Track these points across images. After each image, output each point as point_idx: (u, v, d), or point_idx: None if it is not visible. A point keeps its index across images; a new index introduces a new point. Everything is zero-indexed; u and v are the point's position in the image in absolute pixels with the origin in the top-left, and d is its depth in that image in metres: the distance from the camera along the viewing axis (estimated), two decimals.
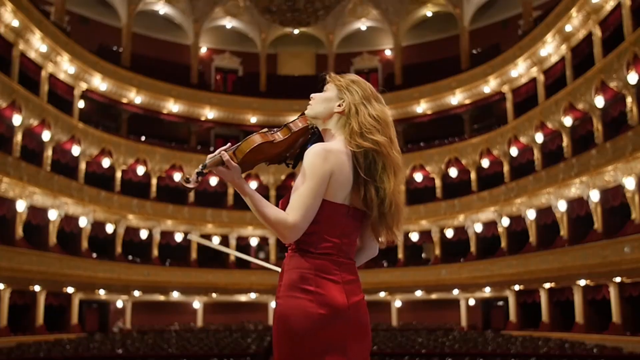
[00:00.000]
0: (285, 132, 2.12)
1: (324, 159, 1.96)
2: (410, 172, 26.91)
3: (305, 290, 1.96)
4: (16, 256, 19.00)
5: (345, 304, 1.96)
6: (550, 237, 21.60)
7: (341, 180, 1.99)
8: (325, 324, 1.93)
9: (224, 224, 26.66)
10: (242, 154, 2.03)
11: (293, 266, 2.03)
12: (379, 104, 2.12)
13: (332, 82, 2.16)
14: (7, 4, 19.43)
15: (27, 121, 20.59)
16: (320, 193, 1.97)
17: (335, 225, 2.02)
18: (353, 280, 2.04)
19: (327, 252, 2.01)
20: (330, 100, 2.12)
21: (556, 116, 21.37)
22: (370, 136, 2.03)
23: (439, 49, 30.58)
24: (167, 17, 30.32)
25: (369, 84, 2.16)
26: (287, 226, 1.94)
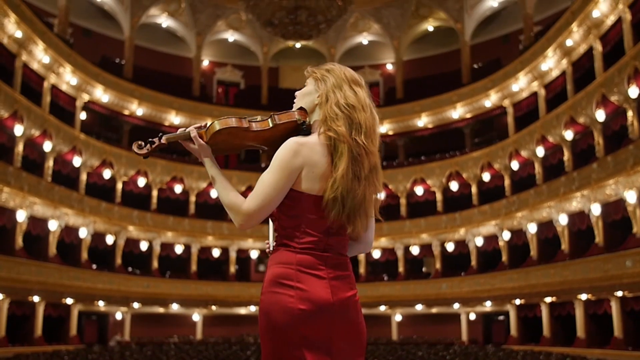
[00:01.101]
0: (265, 124, 2.07)
1: (294, 152, 1.93)
2: (411, 186, 26.91)
3: (286, 285, 1.93)
4: (15, 266, 18.95)
5: (330, 300, 1.92)
6: (552, 251, 21.55)
7: (317, 172, 1.95)
8: (306, 319, 1.89)
9: (225, 236, 26.61)
10: (211, 132, 2.03)
11: (275, 261, 2.00)
12: (352, 88, 2.06)
13: (310, 76, 2.15)
14: (11, 15, 19.55)
15: (29, 131, 20.63)
16: (283, 187, 1.94)
17: (319, 219, 1.97)
18: (342, 276, 1.99)
19: (310, 247, 1.97)
20: (310, 94, 2.10)
21: (557, 130, 21.39)
22: (332, 125, 1.98)
23: (440, 64, 30.71)
24: (170, 30, 30.49)
25: (345, 69, 2.11)
26: (239, 212, 1.93)
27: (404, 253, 26.50)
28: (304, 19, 24.09)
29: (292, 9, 23.80)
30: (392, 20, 30.39)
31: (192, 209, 26.66)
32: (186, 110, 27.48)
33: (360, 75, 2.13)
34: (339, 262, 2.01)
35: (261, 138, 2.08)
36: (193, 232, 26.15)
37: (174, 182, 26.51)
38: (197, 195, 26.91)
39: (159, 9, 29.14)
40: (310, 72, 2.15)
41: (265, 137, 2.09)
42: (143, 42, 29.55)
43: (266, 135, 2.08)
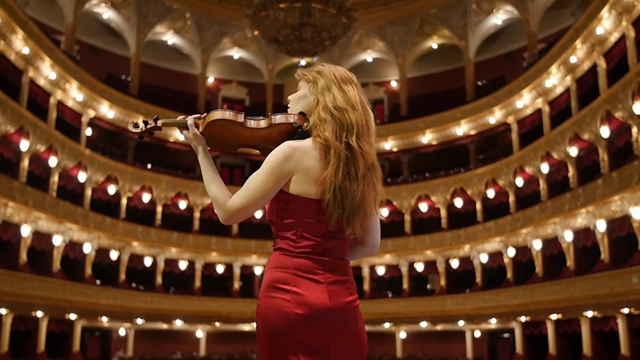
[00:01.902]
0: (261, 122, 2.05)
1: (286, 157, 1.91)
2: (415, 202, 26.87)
3: (283, 290, 1.90)
4: (19, 281, 18.95)
5: (327, 305, 1.88)
6: (557, 267, 21.44)
7: (310, 176, 1.92)
8: (302, 324, 1.86)
9: (229, 252, 26.57)
10: (206, 122, 2.04)
11: (272, 266, 1.98)
12: (341, 89, 2.02)
13: (302, 79, 2.12)
14: (19, 32, 19.75)
15: (35, 147, 20.74)
16: (270, 190, 1.92)
17: (316, 222, 1.95)
18: (341, 281, 1.96)
19: (307, 251, 1.94)
20: (305, 97, 2.07)
21: (562, 146, 21.38)
22: (320, 130, 1.96)
23: (444, 81, 30.81)
24: (176, 47, 30.71)
25: (334, 69, 2.07)
26: (222, 208, 1.94)
27: (409, 270, 26.40)
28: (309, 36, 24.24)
29: (297, 26, 23.96)
30: (396, 37, 30.54)
31: (196, 225, 26.65)
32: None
33: (351, 73, 2.09)
34: (338, 267, 1.98)
35: (257, 137, 2.07)
36: (197, 248, 26.12)
37: (179, 198, 26.54)
38: (202, 211, 26.91)
39: (165, 26, 29.38)
40: (302, 75, 2.12)
41: (261, 137, 2.07)
42: (149, 59, 29.75)
43: (262, 135, 2.06)
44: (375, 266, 26.64)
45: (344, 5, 24.17)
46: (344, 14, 24.20)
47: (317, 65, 2.12)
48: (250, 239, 26.58)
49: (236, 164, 29.96)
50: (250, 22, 24.82)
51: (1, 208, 18.72)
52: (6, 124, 19.21)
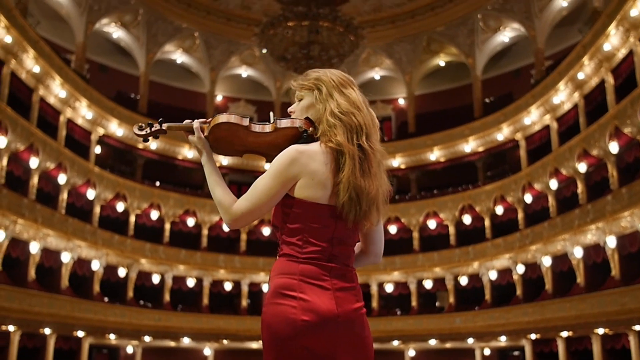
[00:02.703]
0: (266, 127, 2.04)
1: (291, 160, 1.91)
2: (423, 219, 26.78)
3: (288, 296, 1.88)
4: (28, 298, 18.97)
5: (334, 312, 1.87)
6: (567, 284, 21.26)
7: (317, 179, 1.92)
8: (309, 331, 1.84)
9: (237, 270, 26.52)
10: (211, 126, 2.04)
11: (278, 272, 1.95)
12: (342, 93, 2.04)
13: (302, 89, 2.10)
14: (30, 51, 20.00)
15: (44, 164, 20.87)
16: (275, 194, 1.92)
17: (322, 228, 1.94)
18: (347, 288, 1.94)
19: (314, 257, 1.93)
20: (312, 106, 2.06)
21: (570, 163, 21.32)
22: (331, 135, 1.97)
23: (451, 98, 30.86)
24: (184, 65, 30.95)
25: (331, 75, 2.08)
26: (227, 212, 1.94)
27: (417, 287, 26.25)
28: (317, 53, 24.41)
29: (304, 44, 24.15)
30: (403, 55, 30.68)
31: (204, 242, 26.65)
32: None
33: (347, 75, 2.11)
34: (344, 273, 1.97)
35: (262, 142, 2.07)
36: (205, 265, 26.09)
37: (187, 216, 26.58)
38: (210, 228, 26.93)
39: (174, 45, 29.66)
40: (301, 85, 2.11)
41: (266, 143, 2.07)
42: (158, 77, 29.98)
43: (267, 140, 2.06)
44: (384, 283, 26.50)
45: (351, 24, 24.36)
46: (351, 32, 24.38)
47: (310, 72, 2.13)
48: (258, 256, 26.55)
49: (244, 182, 29.99)
50: (258, 41, 25.06)
51: (10, 225, 18.80)
52: (16, 141, 19.36)
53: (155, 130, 2.15)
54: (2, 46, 19.13)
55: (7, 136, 18.78)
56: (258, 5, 29.19)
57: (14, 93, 19.95)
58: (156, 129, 2.15)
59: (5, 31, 18.84)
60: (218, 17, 29.40)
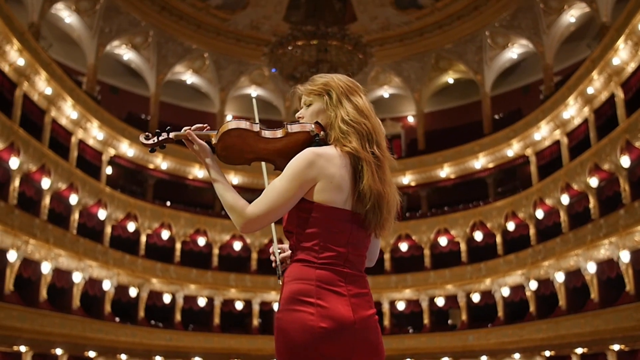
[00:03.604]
0: (277, 133, 2.04)
1: (309, 163, 1.89)
2: (434, 236, 26.66)
3: (306, 302, 1.85)
4: (39, 318, 18.99)
5: (351, 319, 1.84)
6: (581, 300, 21.02)
7: (335, 183, 1.90)
8: (327, 338, 1.81)
9: (247, 289, 26.44)
10: (221, 133, 2.01)
11: (293, 277, 1.92)
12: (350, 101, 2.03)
13: (310, 94, 2.10)
14: (42, 73, 20.26)
15: (56, 185, 21.01)
16: (292, 197, 1.89)
17: (339, 232, 1.92)
18: (362, 294, 1.92)
19: (330, 262, 1.90)
20: (323, 111, 2.06)
21: (581, 177, 21.21)
22: (345, 142, 1.96)
23: (461, 115, 30.88)
24: (194, 86, 31.20)
25: (339, 81, 2.08)
26: (242, 215, 1.91)
27: (429, 304, 26.04)
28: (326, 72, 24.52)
29: (313, 62, 24.29)
30: (412, 73, 30.79)
31: (215, 262, 26.63)
32: None
33: (353, 80, 2.10)
34: (358, 279, 1.95)
35: (272, 149, 2.04)
36: (216, 284, 26.04)
37: (197, 235, 26.60)
38: (220, 247, 26.92)
39: (184, 66, 29.93)
40: (309, 90, 2.10)
41: (277, 148, 2.05)
42: (168, 98, 30.21)
43: (278, 146, 2.04)
44: (395, 301, 26.31)
45: (359, 42, 24.50)
46: (360, 50, 24.52)
47: (317, 77, 2.12)
48: (269, 275, 26.48)
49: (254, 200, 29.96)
50: (267, 60, 25.22)
51: (22, 245, 18.90)
52: (29, 162, 19.54)
53: (162, 139, 2.12)
54: (15, 69, 19.38)
55: (20, 157, 18.96)
56: (267, 25, 29.47)
57: (26, 115, 20.17)
58: (163, 137, 2.12)
59: (18, 54, 19.11)
60: (227, 38, 29.68)
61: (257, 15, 29.32)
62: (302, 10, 27.98)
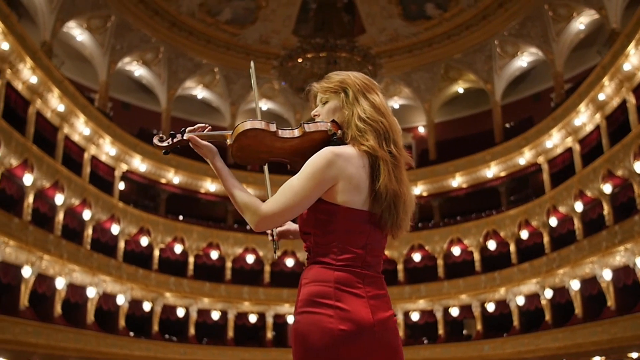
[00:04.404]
0: (293, 132, 2.01)
1: (328, 163, 1.86)
2: (447, 246, 26.53)
3: (325, 304, 1.82)
4: (54, 333, 19.06)
5: (371, 320, 1.82)
6: (597, 308, 20.79)
7: (354, 184, 1.88)
8: (347, 340, 1.78)
9: (261, 302, 26.40)
10: (237, 133, 1.99)
11: (311, 279, 1.90)
12: (367, 99, 2.01)
13: (326, 91, 2.07)
14: (55, 91, 20.48)
15: (69, 201, 21.15)
16: (309, 196, 1.86)
17: (357, 234, 1.90)
18: (380, 295, 1.91)
19: (348, 264, 1.88)
20: (339, 109, 2.03)
21: (595, 184, 21.06)
22: (362, 141, 1.94)
23: (471, 124, 30.81)
24: (205, 100, 31.39)
25: (355, 78, 2.06)
26: (256, 213, 1.88)
27: (443, 315, 25.85)
28: None
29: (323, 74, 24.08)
30: (422, 84, 30.82)
31: (228, 275, 26.63)
32: None
33: (370, 78, 2.09)
34: (376, 280, 1.93)
35: (289, 148, 2.02)
36: (229, 297, 26.02)
37: (210, 249, 26.64)
38: (233, 261, 26.93)
39: (195, 81, 30.16)
40: (325, 87, 2.08)
41: (293, 148, 2.02)
42: (179, 113, 30.39)
43: (294, 146, 2.01)
44: (409, 312, 26.15)
45: (368, 54, 24.59)
46: (369, 62, 24.58)
47: (333, 75, 2.09)
48: (282, 287, 26.43)
49: None
50: (277, 74, 25.34)
51: (37, 261, 19.02)
52: (42, 179, 19.70)
53: (177, 141, 2.09)
54: (28, 87, 19.62)
55: (33, 174, 19.14)
56: (276, 39, 29.65)
57: (39, 132, 20.38)
58: (178, 139, 2.09)
59: (31, 72, 19.34)
60: (237, 52, 29.87)
61: (266, 30, 29.52)
62: (310, 24, 28.12)
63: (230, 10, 28.54)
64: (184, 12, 27.74)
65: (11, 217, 17.96)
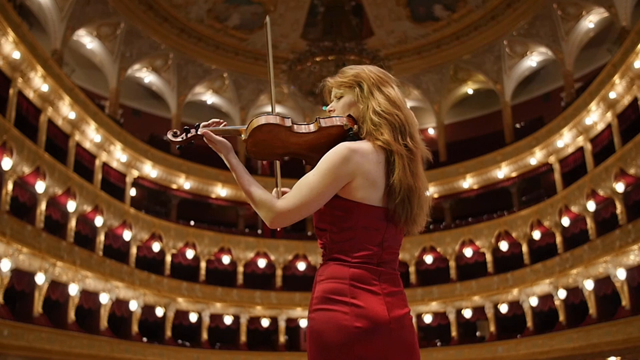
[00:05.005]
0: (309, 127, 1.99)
1: (344, 159, 1.84)
2: (459, 248, 26.43)
3: (340, 301, 1.81)
4: (68, 340, 19.15)
5: (386, 318, 1.81)
6: (612, 307, 20.63)
7: (371, 179, 1.87)
8: (362, 338, 1.77)
9: (273, 306, 26.41)
10: (252, 128, 1.95)
11: (326, 276, 1.88)
12: (382, 92, 1.99)
13: (340, 86, 2.05)
14: (65, 98, 20.62)
15: (81, 207, 21.27)
16: (325, 192, 1.84)
17: (374, 231, 1.88)
18: (396, 292, 1.89)
19: (364, 261, 1.86)
20: (354, 104, 2.01)
21: (607, 183, 20.92)
22: (377, 135, 1.92)
23: (482, 125, 30.71)
24: (215, 106, 31.49)
25: (370, 72, 2.03)
26: (271, 210, 1.85)
27: (456, 317, 25.74)
28: None
29: None
30: (431, 85, 30.76)
31: (240, 279, 26.66)
32: (232, 182, 27.88)
33: (384, 71, 2.06)
34: (392, 277, 1.91)
35: (304, 144, 2.00)
36: (242, 302, 26.05)
37: (222, 253, 26.68)
38: (245, 265, 26.97)
39: (204, 86, 30.27)
40: (339, 82, 2.05)
41: (309, 143, 2.00)
42: (189, 118, 30.49)
43: (310, 141, 1.99)
44: (422, 314, 26.06)
45: (377, 56, 24.56)
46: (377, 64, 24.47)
47: (347, 69, 2.06)
48: (294, 291, 26.42)
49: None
50: (286, 77, 25.38)
51: (50, 268, 19.13)
52: (54, 186, 19.83)
53: (191, 136, 2.07)
54: (39, 95, 19.77)
55: (46, 181, 19.25)
56: (284, 43, 29.69)
57: (51, 139, 20.52)
58: (192, 134, 2.07)
59: (42, 80, 19.49)
60: (246, 57, 29.96)
61: (274, 34, 29.56)
62: (319, 28, 28.17)
63: (238, 15, 28.64)
64: (193, 18, 27.87)
65: (24, 225, 18.09)
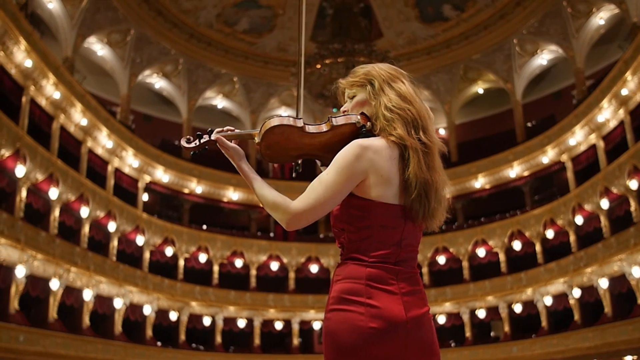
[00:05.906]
0: (322, 127, 1.97)
1: (357, 156, 1.83)
2: (472, 248, 26.31)
3: (355, 302, 1.78)
4: (83, 345, 19.27)
5: (403, 318, 1.78)
6: (627, 306, 20.44)
7: (385, 176, 1.84)
8: (377, 339, 1.74)
9: (286, 309, 26.43)
10: (264, 131, 1.94)
11: (343, 276, 1.86)
12: (393, 88, 1.97)
13: (352, 86, 2.04)
14: (77, 105, 20.80)
15: (94, 213, 21.42)
16: (340, 191, 1.82)
17: (391, 229, 1.86)
18: (414, 292, 1.86)
19: (382, 260, 1.84)
20: (367, 102, 2.00)
21: (621, 181, 20.75)
22: (391, 130, 1.91)
23: (493, 124, 30.59)
24: (225, 110, 31.59)
25: (380, 69, 2.02)
26: (287, 212, 1.84)
27: (470, 317, 25.61)
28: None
29: None
30: (441, 85, 30.69)
31: (253, 283, 26.70)
32: (243, 186, 27.95)
33: (395, 67, 2.04)
34: (411, 276, 1.88)
35: (318, 144, 1.98)
36: (255, 305, 26.09)
37: (235, 257, 26.75)
38: (258, 268, 27.01)
39: (215, 91, 30.38)
40: (351, 82, 2.05)
41: (323, 144, 1.98)
42: (200, 123, 30.60)
43: (323, 141, 1.97)
44: (436, 315, 25.94)
45: (387, 57, 24.52)
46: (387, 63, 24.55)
47: (358, 69, 2.06)
48: (307, 294, 26.43)
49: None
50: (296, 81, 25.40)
51: (64, 273, 19.27)
52: (67, 192, 19.99)
53: (204, 142, 2.07)
54: (51, 102, 19.94)
55: (59, 187, 19.42)
56: (294, 47, 29.73)
57: (63, 146, 20.70)
58: (205, 140, 2.07)
59: (54, 88, 19.66)
60: (256, 61, 30.06)
61: (283, 38, 29.65)
62: (328, 30, 28.20)
63: (247, 19, 28.74)
64: (202, 23, 28.00)
65: (38, 231, 18.24)
